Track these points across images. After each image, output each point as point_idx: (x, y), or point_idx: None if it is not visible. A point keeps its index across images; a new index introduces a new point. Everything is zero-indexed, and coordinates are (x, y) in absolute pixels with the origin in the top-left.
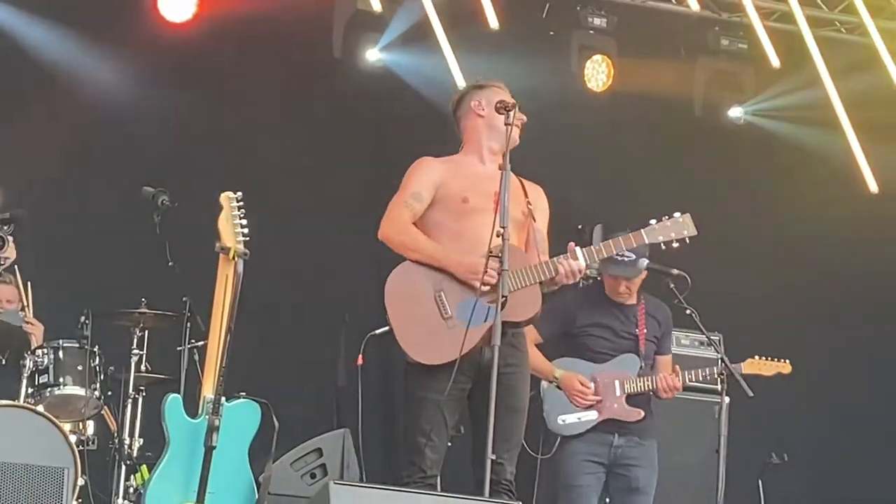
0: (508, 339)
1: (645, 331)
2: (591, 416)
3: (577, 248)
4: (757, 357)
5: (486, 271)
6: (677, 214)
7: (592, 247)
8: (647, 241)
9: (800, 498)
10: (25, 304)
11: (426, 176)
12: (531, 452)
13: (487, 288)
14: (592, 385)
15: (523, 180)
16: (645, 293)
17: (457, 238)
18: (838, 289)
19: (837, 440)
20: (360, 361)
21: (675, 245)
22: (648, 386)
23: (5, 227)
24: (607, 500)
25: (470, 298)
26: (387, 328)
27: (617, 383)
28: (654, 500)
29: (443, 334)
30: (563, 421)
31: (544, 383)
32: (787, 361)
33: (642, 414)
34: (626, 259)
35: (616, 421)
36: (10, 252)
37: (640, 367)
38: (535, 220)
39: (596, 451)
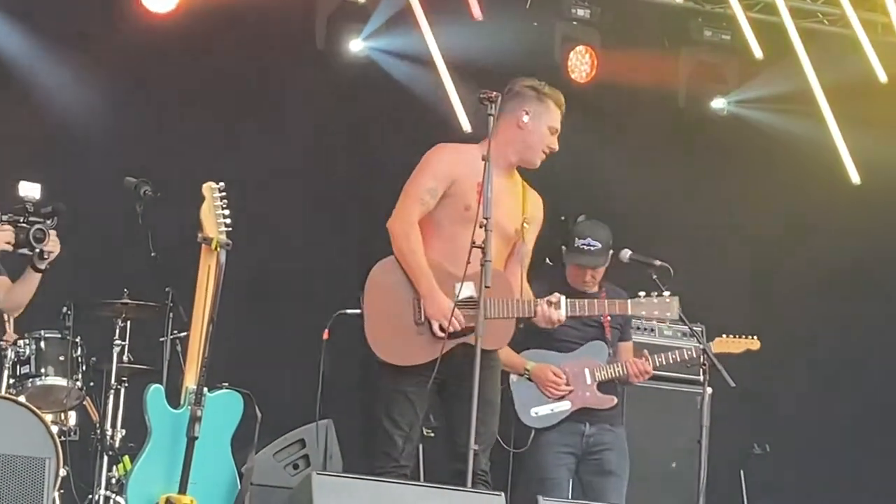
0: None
1: (609, 318)
2: (564, 406)
3: (562, 298)
4: (724, 336)
5: (450, 318)
6: (666, 294)
7: (577, 301)
8: (630, 313)
9: (782, 488)
10: (6, 319)
11: (443, 168)
12: (504, 446)
13: (443, 335)
14: (564, 375)
15: (528, 189)
16: (605, 282)
17: (450, 240)
18: (821, 280)
19: (820, 430)
20: (325, 336)
21: (655, 323)
22: (619, 372)
23: (48, 221)
24: None
25: None
26: (358, 311)
27: (587, 371)
28: (637, 490)
29: (411, 338)
30: (536, 413)
31: (513, 377)
32: (756, 337)
33: (615, 401)
34: (591, 248)
35: (587, 410)
36: (54, 245)
37: (609, 354)
38: (524, 240)
39: (568, 441)
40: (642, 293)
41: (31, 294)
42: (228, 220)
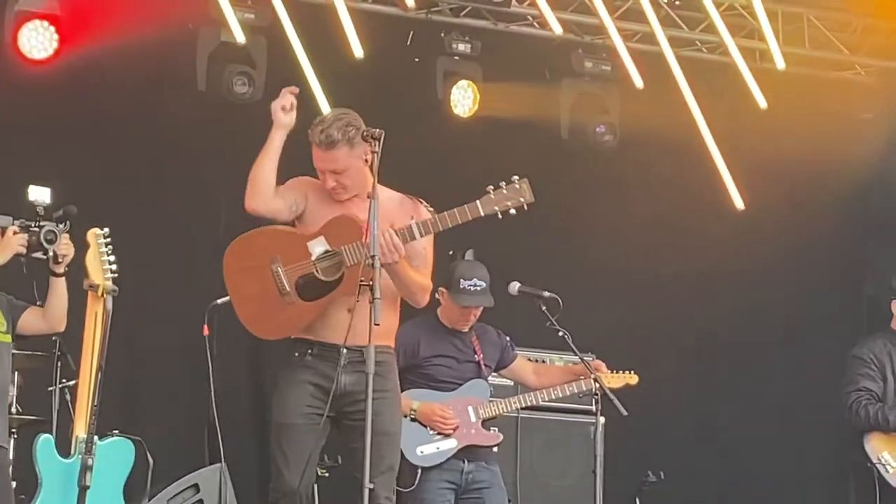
0: (369, 368)
1: (482, 356)
2: (451, 444)
3: (413, 222)
4: (604, 371)
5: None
6: (515, 178)
7: (429, 219)
8: (482, 213)
9: None
10: None
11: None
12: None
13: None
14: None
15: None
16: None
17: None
18: (711, 306)
19: (713, 456)
20: (205, 332)
21: (513, 212)
22: (502, 409)
23: (60, 225)
24: None
25: (307, 275)
26: (228, 298)
27: (471, 409)
28: None
29: (280, 310)
30: (422, 452)
31: None
32: (633, 372)
33: (501, 437)
34: (477, 288)
35: (465, 447)
36: (67, 248)
37: (490, 392)
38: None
39: (449, 477)
40: (490, 187)
41: (65, 301)
42: (114, 267)
